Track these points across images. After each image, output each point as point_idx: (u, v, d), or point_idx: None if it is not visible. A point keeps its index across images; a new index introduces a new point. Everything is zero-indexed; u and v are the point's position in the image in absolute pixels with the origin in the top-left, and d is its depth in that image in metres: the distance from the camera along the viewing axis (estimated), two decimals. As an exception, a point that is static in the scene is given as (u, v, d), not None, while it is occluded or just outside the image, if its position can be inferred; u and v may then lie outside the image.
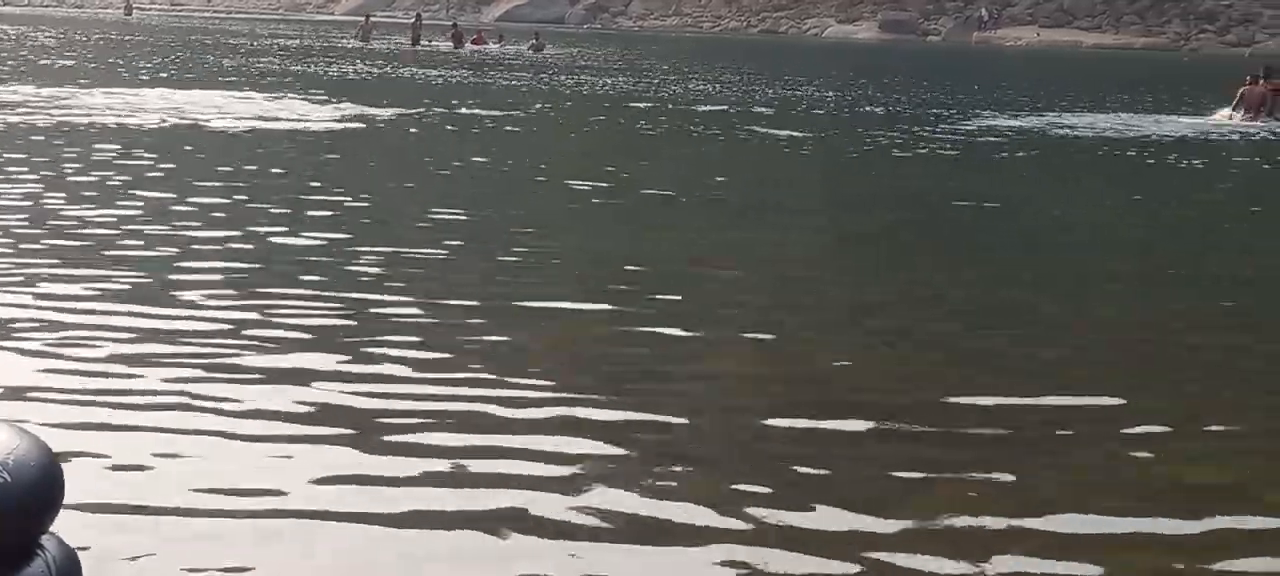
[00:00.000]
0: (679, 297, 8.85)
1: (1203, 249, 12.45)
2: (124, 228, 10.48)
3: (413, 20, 58.95)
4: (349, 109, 22.35)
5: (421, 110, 22.77)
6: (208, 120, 19.71)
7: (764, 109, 26.41)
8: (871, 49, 71.38)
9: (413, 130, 19.84)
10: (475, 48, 51.46)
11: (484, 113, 23.00)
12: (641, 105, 26.62)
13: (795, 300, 9.15)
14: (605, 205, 13.65)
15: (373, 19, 64.15)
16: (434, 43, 53.93)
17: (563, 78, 35.46)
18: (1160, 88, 38.83)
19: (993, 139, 21.97)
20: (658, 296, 8.82)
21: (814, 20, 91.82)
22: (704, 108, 26.29)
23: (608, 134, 21.20)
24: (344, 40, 55.96)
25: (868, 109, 27.96)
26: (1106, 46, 76.64)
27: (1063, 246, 12.25)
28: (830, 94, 32.00)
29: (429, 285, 8.80)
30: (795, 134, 21.69)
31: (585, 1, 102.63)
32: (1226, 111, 27.05)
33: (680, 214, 13.21)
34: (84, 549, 2.75)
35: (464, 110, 23.27)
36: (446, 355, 7.05)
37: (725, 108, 26.48)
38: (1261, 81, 27.23)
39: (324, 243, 10.18)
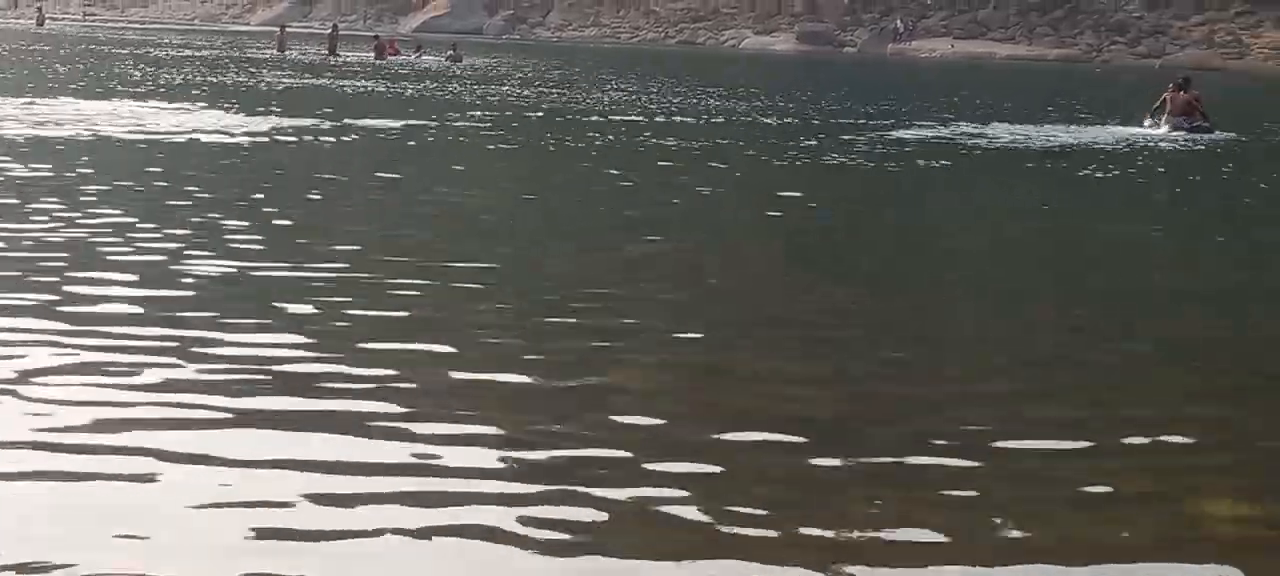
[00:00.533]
0: (593, 309, 8.85)
1: (1116, 258, 12.59)
2: (26, 243, 10.33)
3: (329, 31, 58.68)
4: (264, 121, 22.17)
5: (337, 122, 22.61)
6: (117, 131, 19.48)
7: (680, 119, 26.46)
8: (788, 60, 71.78)
9: (328, 142, 19.70)
10: (391, 58, 51.28)
11: (399, 124, 22.89)
12: (556, 116, 26.61)
13: (707, 311, 9.17)
14: (519, 217, 13.61)
15: (288, 29, 63.78)
16: (352, 53, 53.72)
17: (480, 89, 35.37)
18: (1077, 98, 39.29)
19: (908, 149, 22.12)
20: (571, 308, 8.82)
21: (731, 32, 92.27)
22: (619, 118, 26.31)
23: (522, 145, 21.15)
24: (260, 50, 55.55)
25: (784, 120, 28.07)
26: (1020, 58, 77.53)
27: (976, 256, 12.34)
28: (745, 105, 32.11)
29: (340, 302, 8.74)
30: (710, 144, 21.74)
31: (504, 12, 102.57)
32: (1150, 121, 27.50)
33: (592, 226, 13.20)
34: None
35: (380, 122, 23.14)
36: (354, 371, 7.02)
37: (640, 118, 26.51)
38: (1173, 91, 27.63)
39: (232, 257, 10.09)
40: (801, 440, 6.16)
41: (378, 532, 4.87)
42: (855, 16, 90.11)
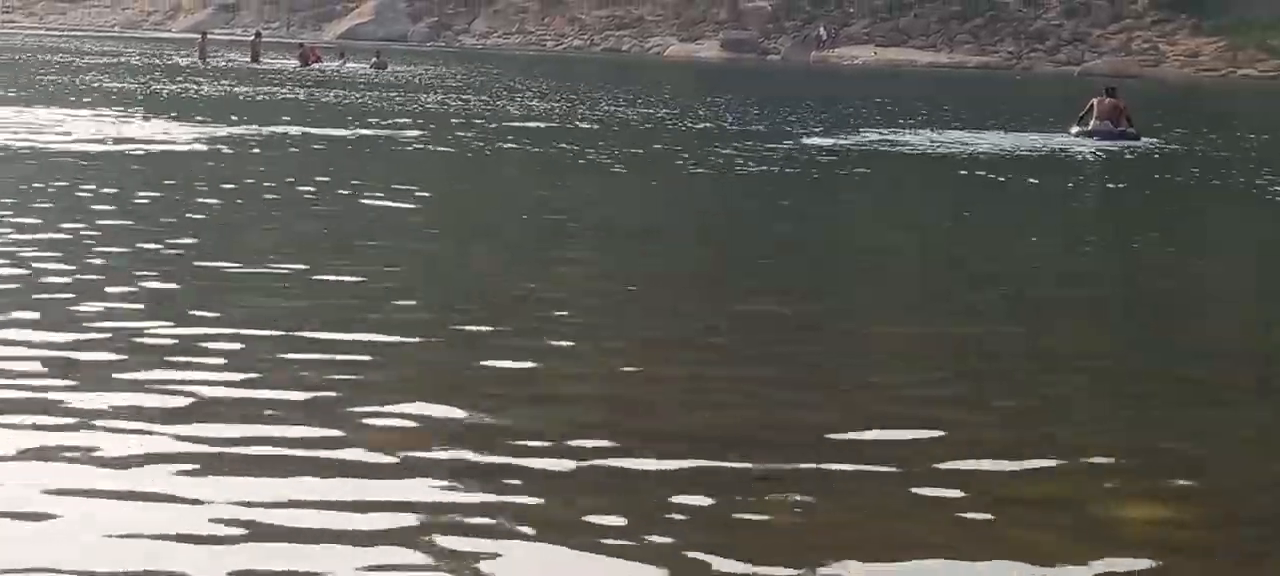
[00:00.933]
0: (514, 318, 8.88)
1: (1034, 264, 12.73)
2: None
3: (252, 38, 58.27)
4: (187, 129, 22.04)
5: (261, 130, 22.49)
6: (34, 141, 19.28)
7: (601, 126, 26.52)
8: (712, 67, 72.00)
9: (253, 150, 19.58)
10: (314, 65, 51.00)
11: (323, 132, 22.80)
12: (479, 122, 26.56)
13: (627, 319, 9.22)
14: (441, 225, 13.62)
15: (210, 37, 63.28)
16: (276, 61, 53.42)
17: (404, 96, 35.24)
18: (1001, 104, 39.64)
19: (829, 156, 22.29)
20: (493, 317, 8.84)
21: (656, 39, 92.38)
22: (540, 125, 26.33)
23: (445, 153, 21.11)
24: (182, 58, 55.07)
25: (705, 126, 28.17)
26: (941, 65, 78.14)
27: (896, 263, 12.44)
28: (666, 112, 32.19)
29: (259, 313, 8.72)
30: (632, 152, 21.82)
31: (428, 19, 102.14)
32: (1077, 129, 27.76)
33: (514, 234, 13.22)
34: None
35: (305, 129, 23.03)
36: (270, 379, 7.01)
37: (559, 125, 26.56)
38: (1100, 99, 27.98)
39: (155, 263, 10.05)
40: (722, 447, 6.22)
41: (299, 541, 4.89)
42: (778, 25, 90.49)
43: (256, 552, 4.78)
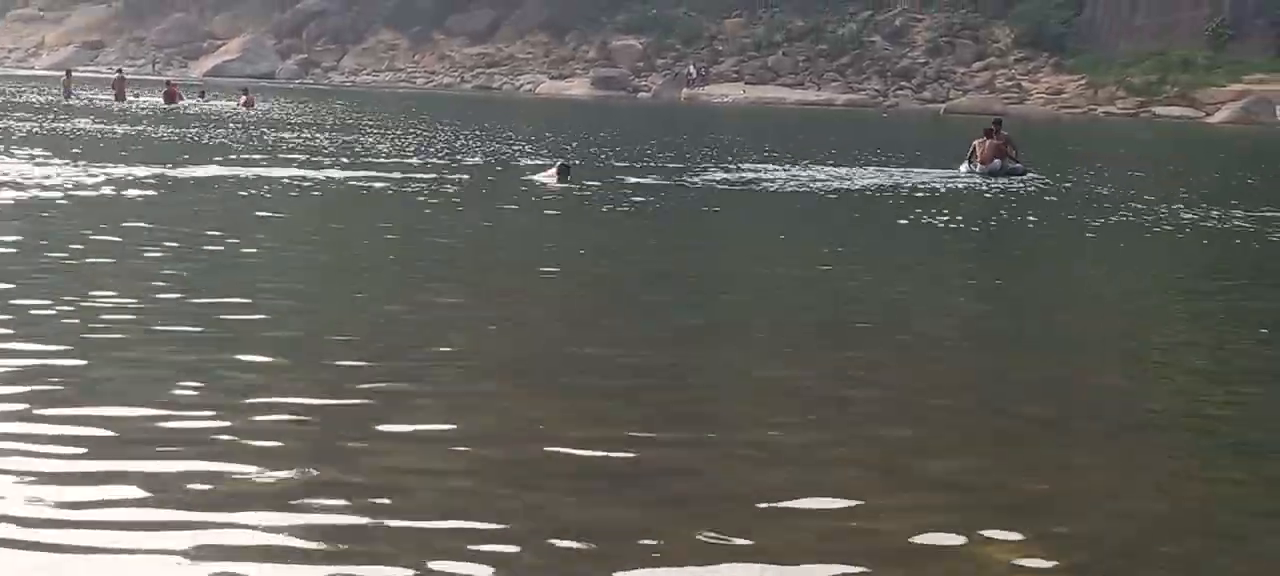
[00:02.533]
0: (381, 357, 8.83)
1: (901, 298, 12.87)
2: None
3: (116, 75, 57.41)
4: (47, 170, 21.62)
5: (127, 171, 22.13)
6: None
7: (470, 160, 26.43)
8: (583, 105, 72.14)
9: (125, 193, 19.24)
10: (179, 103, 50.35)
11: (186, 173, 22.49)
12: (345, 160, 26.34)
13: (493, 360, 9.19)
14: (304, 264, 13.51)
15: (75, 74, 62.24)
16: (142, 98, 52.70)
17: (271, 134, 34.87)
18: (873, 141, 40.10)
19: (697, 192, 22.42)
20: (359, 356, 8.79)
21: (527, 76, 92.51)
22: (414, 160, 26.18)
23: (309, 192, 20.89)
24: (45, 96, 54.04)
25: (581, 163, 28.17)
26: (810, 103, 79.04)
27: (767, 298, 12.49)
28: (531, 148, 32.16)
29: (119, 355, 8.60)
30: (498, 190, 21.76)
31: (296, 56, 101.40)
32: (965, 166, 28.33)
33: (382, 274, 13.14)
34: None
35: (171, 171, 22.70)
36: (136, 426, 6.92)
37: (422, 160, 26.43)
38: (993, 134, 28.53)
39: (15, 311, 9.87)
40: (589, 489, 6.24)
41: None
42: (649, 62, 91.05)
43: None
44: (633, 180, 24.08)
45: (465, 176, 24.00)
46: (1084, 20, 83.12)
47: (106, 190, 19.18)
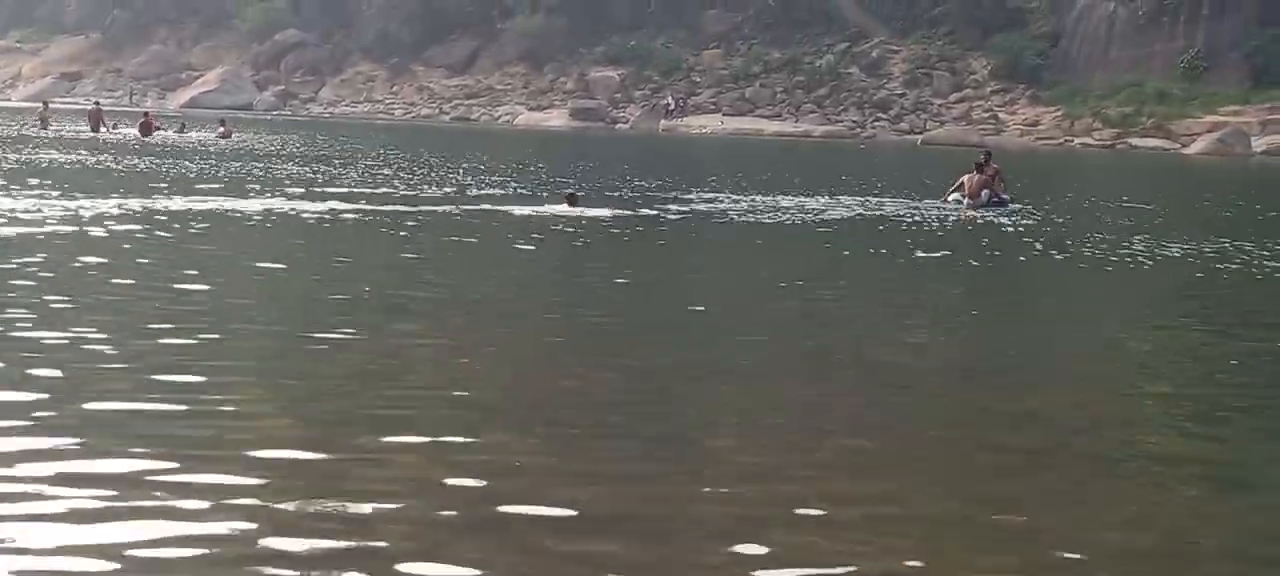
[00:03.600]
0: (354, 395, 8.79)
1: (880, 329, 12.87)
2: None
3: (92, 107, 57.35)
4: (21, 201, 21.53)
5: (106, 202, 22.04)
6: None
7: (448, 190, 26.38)
8: (562, 136, 72.22)
9: (95, 225, 19.16)
10: (157, 134, 50.22)
11: (164, 205, 22.41)
12: (319, 191, 26.28)
13: (468, 397, 9.15)
14: (276, 300, 13.47)
15: (52, 105, 62.10)
16: (118, 130, 52.61)
17: (247, 165, 34.79)
18: (855, 172, 40.18)
19: (677, 224, 22.43)
20: (332, 394, 8.75)
21: (505, 108, 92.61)
22: (384, 190, 26.13)
23: (282, 225, 20.83)
24: (21, 127, 53.86)
25: (557, 192, 28.14)
26: (787, 134, 79.22)
27: (746, 329, 12.48)
28: (518, 179, 32.14)
29: (91, 390, 8.55)
30: (475, 222, 21.74)
31: (274, 88, 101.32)
32: (954, 196, 28.55)
33: (355, 310, 13.10)
34: None
35: (143, 202, 22.61)
36: (111, 458, 6.87)
37: (404, 194, 26.40)
38: (983, 168, 28.64)
39: None
40: (565, 526, 6.21)
41: None
42: (627, 94, 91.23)
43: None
44: (613, 212, 24.06)
45: (451, 208, 23.96)
46: (1060, 52, 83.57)
47: (70, 226, 19.09)
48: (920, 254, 19.58)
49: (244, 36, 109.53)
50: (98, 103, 61.48)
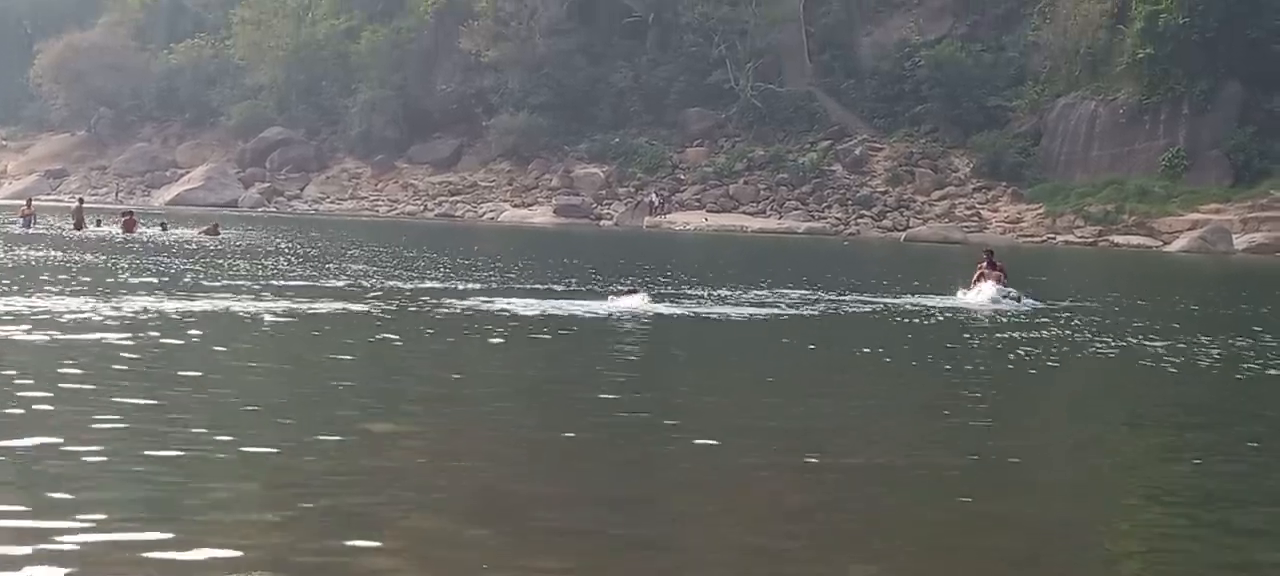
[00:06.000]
0: (334, 489, 8.73)
1: (879, 425, 12.84)
2: None
3: (75, 205, 57.46)
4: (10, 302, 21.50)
5: (78, 303, 22.00)
6: None
7: (427, 287, 26.37)
8: (546, 233, 72.42)
9: (74, 325, 19.10)
10: (140, 232, 50.24)
11: (150, 305, 22.37)
12: (304, 293, 26.28)
13: (447, 494, 9.10)
14: (255, 397, 13.42)
15: (36, 203, 62.20)
16: (101, 225, 52.70)
17: (236, 263, 34.79)
18: (844, 269, 40.28)
19: (670, 318, 22.43)
20: (320, 487, 8.69)
21: (489, 204, 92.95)
22: (370, 288, 26.12)
23: (268, 323, 20.80)
24: (4, 225, 53.87)
25: (536, 289, 28.19)
26: (770, 231, 79.53)
27: (741, 427, 12.45)
28: (502, 274, 32.15)
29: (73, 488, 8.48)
30: (455, 320, 21.73)
31: (259, 185, 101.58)
32: (973, 292, 29.78)
33: (337, 407, 13.05)
34: None
35: (130, 303, 22.58)
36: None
37: (394, 290, 26.41)
38: (985, 265, 30.44)
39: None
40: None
41: None
42: (610, 190, 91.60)
43: None
44: (597, 310, 24.06)
45: (436, 303, 23.96)
46: (1041, 150, 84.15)
47: (48, 330, 19.04)
48: (916, 352, 19.59)
49: (229, 133, 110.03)
50: (81, 200, 61.53)
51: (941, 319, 25.54)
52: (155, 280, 27.51)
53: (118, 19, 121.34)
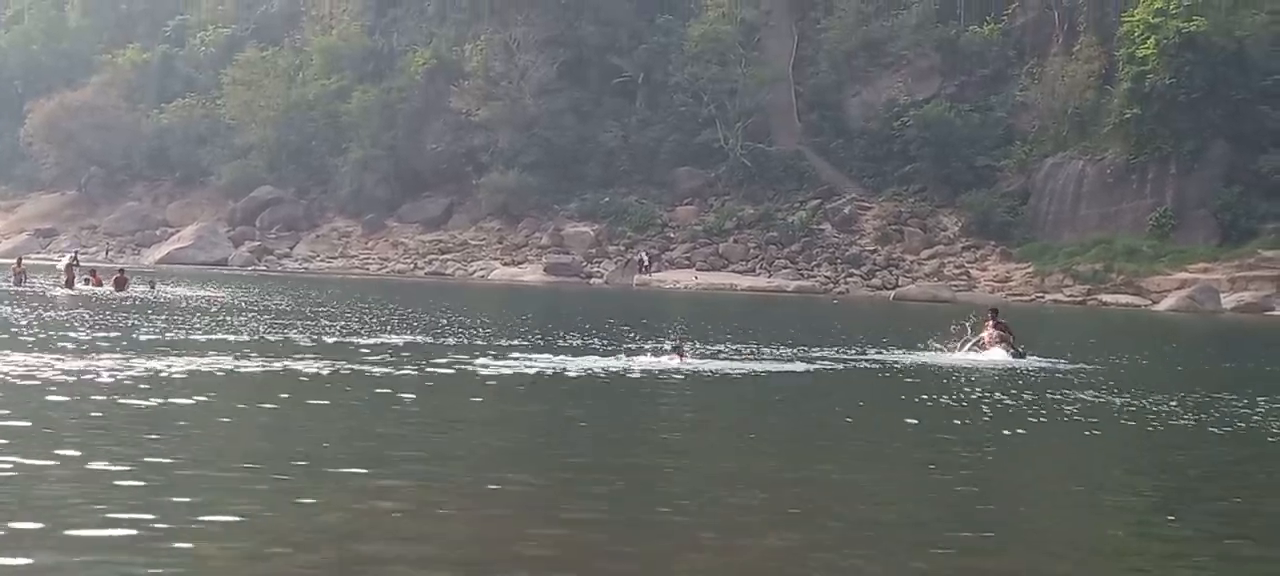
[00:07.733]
0: (326, 546, 8.76)
1: (860, 485, 12.87)
2: None
3: (66, 264, 57.48)
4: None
5: (70, 363, 22.02)
6: None
7: (421, 345, 26.40)
8: (536, 291, 72.40)
9: (64, 385, 19.12)
10: (118, 291, 50.21)
11: (152, 364, 22.41)
12: (292, 351, 26.29)
13: (442, 551, 9.13)
14: (241, 455, 13.44)
15: (26, 262, 62.22)
16: (90, 284, 52.66)
17: (230, 319, 34.81)
18: (836, 327, 40.35)
19: (663, 376, 22.46)
20: (312, 545, 8.72)
21: (480, 263, 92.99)
22: (361, 346, 26.14)
23: (252, 381, 20.83)
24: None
25: (525, 344, 28.23)
26: (760, 289, 79.62)
27: (727, 486, 12.48)
28: (492, 333, 32.18)
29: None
30: (448, 380, 21.76)
31: (249, 243, 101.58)
32: (967, 350, 30.50)
33: (329, 467, 13.08)
34: None
35: (125, 360, 22.61)
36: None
37: (392, 349, 26.43)
38: (990, 323, 31.27)
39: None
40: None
41: None
42: (601, 249, 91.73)
43: None
44: (590, 370, 24.09)
45: (423, 363, 23.97)
46: (1029, 209, 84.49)
47: (35, 387, 19.06)
48: (907, 408, 19.62)
49: (219, 192, 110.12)
50: (74, 256, 61.55)
51: (945, 376, 25.58)
52: (154, 337, 27.49)
53: (109, 79, 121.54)
